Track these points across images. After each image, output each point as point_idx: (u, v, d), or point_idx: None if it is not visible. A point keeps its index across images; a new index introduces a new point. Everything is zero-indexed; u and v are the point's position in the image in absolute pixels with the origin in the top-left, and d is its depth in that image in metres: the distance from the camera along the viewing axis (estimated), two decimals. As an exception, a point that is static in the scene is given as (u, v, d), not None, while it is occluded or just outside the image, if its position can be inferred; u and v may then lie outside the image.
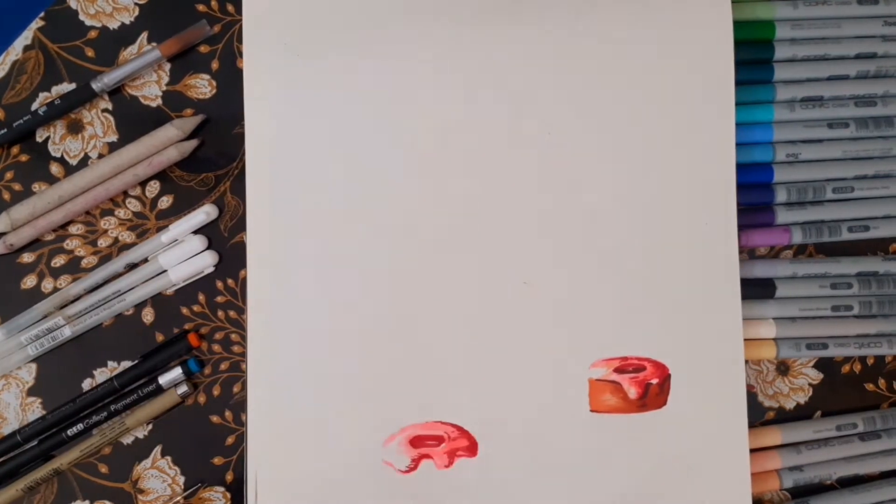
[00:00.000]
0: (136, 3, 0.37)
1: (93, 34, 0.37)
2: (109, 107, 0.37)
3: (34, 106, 0.37)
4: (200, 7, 0.37)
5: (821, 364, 0.38)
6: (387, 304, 0.35)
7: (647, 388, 0.36)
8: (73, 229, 0.37)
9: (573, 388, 0.35)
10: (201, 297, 0.37)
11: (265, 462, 0.35)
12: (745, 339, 0.36)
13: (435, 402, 0.35)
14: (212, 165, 0.37)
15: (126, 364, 0.36)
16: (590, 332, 0.35)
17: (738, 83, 0.36)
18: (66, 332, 0.36)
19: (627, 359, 0.36)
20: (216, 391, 0.36)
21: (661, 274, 0.35)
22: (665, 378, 0.36)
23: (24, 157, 0.37)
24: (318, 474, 0.35)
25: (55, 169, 0.37)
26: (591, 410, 0.36)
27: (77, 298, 0.36)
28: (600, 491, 0.35)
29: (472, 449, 0.35)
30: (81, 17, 0.37)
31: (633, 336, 0.36)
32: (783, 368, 0.38)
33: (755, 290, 0.37)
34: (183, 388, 0.36)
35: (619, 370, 0.35)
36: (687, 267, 0.35)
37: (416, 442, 0.35)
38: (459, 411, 0.35)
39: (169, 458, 0.36)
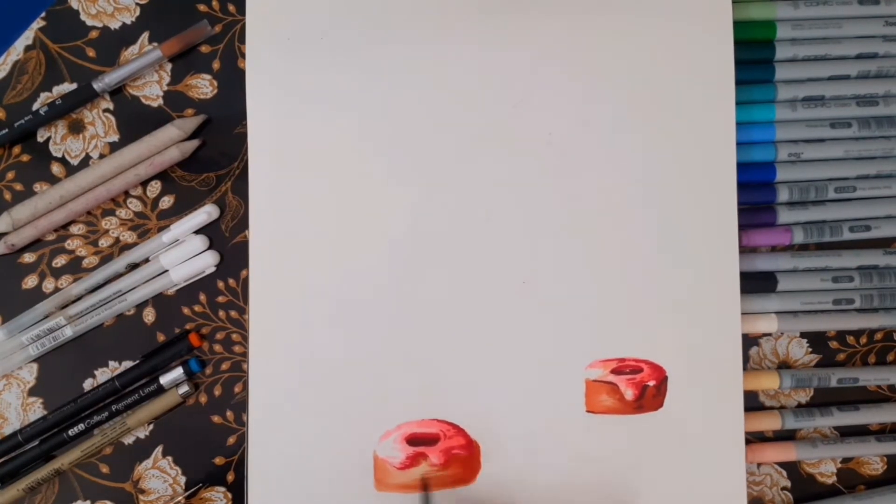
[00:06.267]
0: (137, 3, 0.37)
1: (94, 34, 0.37)
2: (111, 107, 0.37)
3: (35, 106, 0.37)
4: (202, 7, 0.37)
5: (822, 363, 0.38)
6: (387, 303, 0.35)
7: (643, 389, 0.35)
8: (74, 229, 0.37)
9: (570, 389, 0.35)
10: (202, 297, 0.37)
11: (266, 462, 0.35)
12: (748, 334, 0.36)
13: (432, 401, 0.35)
14: (213, 165, 0.37)
15: (127, 364, 0.36)
16: (587, 332, 0.35)
17: (740, 83, 0.36)
18: (68, 332, 0.36)
19: (625, 360, 0.35)
20: (217, 391, 0.36)
21: (661, 275, 0.35)
22: (662, 380, 0.36)
23: (25, 157, 0.37)
24: (319, 474, 0.35)
25: (56, 169, 0.37)
26: (588, 411, 0.35)
27: (78, 298, 0.36)
28: (595, 491, 0.35)
29: (468, 448, 0.35)
30: (83, 17, 0.37)
31: (630, 337, 0.35)
32: (785, 364, 0.38)
33: (757, 283, 0.37)
34: (184, 388, 0.36)
35: (616, 371, 0.35)
36: (686, 269, 0.35)
37: (412, 439, 0.35)
38: (456, 410, 0.35)
39: (170, 458, 0.36)
